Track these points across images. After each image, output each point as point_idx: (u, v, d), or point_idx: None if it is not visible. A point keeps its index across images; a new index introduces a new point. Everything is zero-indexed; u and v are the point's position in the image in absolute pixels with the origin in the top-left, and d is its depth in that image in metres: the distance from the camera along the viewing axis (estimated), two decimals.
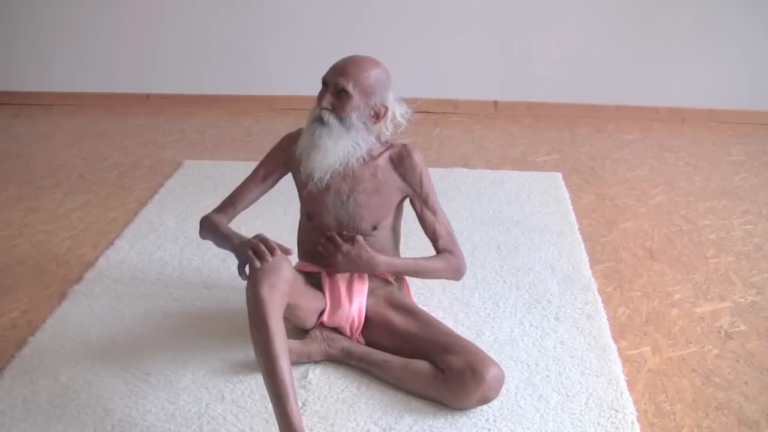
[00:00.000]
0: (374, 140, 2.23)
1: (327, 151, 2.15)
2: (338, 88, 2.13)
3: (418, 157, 2.28)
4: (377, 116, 2.19)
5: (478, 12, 4.71)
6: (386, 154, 2.26)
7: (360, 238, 2.22)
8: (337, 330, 2.30)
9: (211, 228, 2.25)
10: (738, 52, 4.66)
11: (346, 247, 2.20)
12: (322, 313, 2.27)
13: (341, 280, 2.29)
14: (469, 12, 4.71)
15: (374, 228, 2.27)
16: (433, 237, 2.34)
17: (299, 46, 4.80)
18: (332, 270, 2.28)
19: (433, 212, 2.32)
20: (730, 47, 4.65)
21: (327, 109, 2.14)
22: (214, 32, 4.86)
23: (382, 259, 2.24)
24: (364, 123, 2.18)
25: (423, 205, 2.31)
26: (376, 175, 2.24)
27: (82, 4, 4.83)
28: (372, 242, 2.28)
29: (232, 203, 2.34)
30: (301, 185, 2.31)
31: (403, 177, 2.27)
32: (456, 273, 2.35)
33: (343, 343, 2.26)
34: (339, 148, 2.15)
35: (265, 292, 1.89)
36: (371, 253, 2.22)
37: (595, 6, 4.65)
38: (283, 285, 1.94)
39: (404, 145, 2.29)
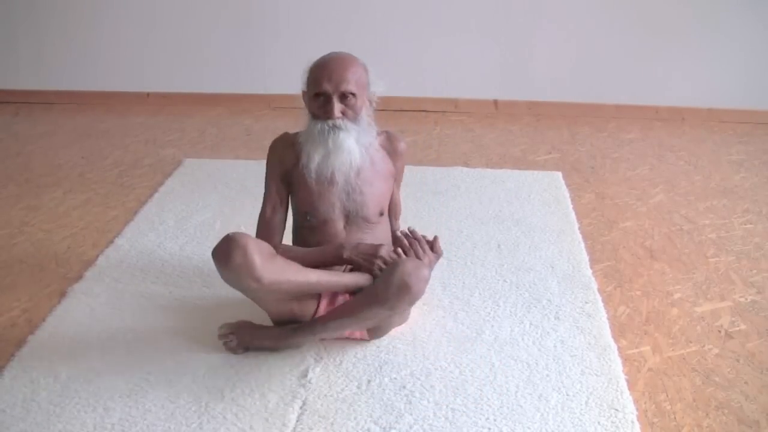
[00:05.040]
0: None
1: (352, 152, 2.21)
2: (343, 93, 2.17)
3: (402, 143, 2.40)
4: (370, 104, 2.28)
5: (478, 11, 4.70)
6: (376, 142, 2.34)
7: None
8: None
9: (289, 255, 2.24)
10: (738, 51, 4.66)
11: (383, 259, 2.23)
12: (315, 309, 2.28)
13: (341, 296, 2.30)
14: (469, 11, 4.70)
15: (381, 214, 2.37)
16: (395, 212, 2.49)
17: (299, 45, 4.79)
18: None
19: (398, 190, 2.48)
20: (730, 46, 4.65)
21: (339, 118, 2.19)
22: (214, 31, 4.85)
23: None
24: (369, 116, 2.27)
25: (396, 186, 2.45)
26: (374, 163, 2.31)
27: (82, 2, 4.83)
28: (380, 230, 2.37)
29: (272, 235, 2.32)
30: (301, 187, 2.30)
31: (394, 162, 2.39)
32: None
33: (295, 339, 2.26)
34: (361, 145, 2.23)
35: (246, 262, 2.02)
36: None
37: (595, 5, 4.64)
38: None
39: (388, 132, 2.40)
